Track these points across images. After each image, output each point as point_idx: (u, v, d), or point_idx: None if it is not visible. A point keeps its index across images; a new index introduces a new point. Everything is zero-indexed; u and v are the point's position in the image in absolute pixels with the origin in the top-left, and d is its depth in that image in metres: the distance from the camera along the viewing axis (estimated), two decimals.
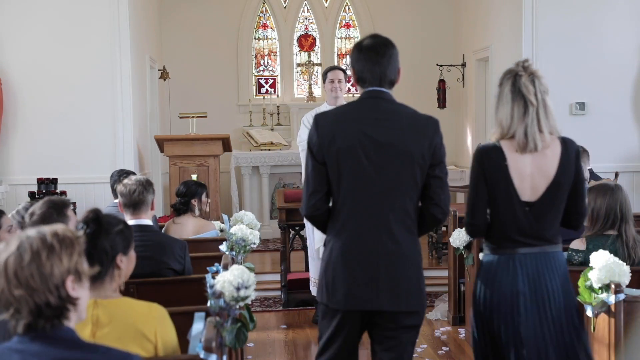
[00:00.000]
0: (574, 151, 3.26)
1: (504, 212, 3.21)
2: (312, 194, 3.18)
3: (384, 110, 3.19)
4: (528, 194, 3.19)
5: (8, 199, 7.76)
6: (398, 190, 3.13)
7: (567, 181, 3.22)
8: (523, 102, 3.19)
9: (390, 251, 3.12)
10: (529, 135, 3.17)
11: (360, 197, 3.13)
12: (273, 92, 11.68)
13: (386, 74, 3.23)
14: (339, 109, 3.29)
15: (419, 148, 3.13)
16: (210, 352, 2.60)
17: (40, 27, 7.87)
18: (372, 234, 3.13)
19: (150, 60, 9.49)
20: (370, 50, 3.22)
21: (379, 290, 3.11)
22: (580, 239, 4.33)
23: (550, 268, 3.21)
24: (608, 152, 8.18)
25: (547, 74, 9.13)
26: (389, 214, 3.12)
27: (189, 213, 5.45)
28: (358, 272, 3.12)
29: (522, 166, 3.18)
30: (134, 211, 4.20)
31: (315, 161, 3.18)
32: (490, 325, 3.23)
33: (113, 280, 2.77)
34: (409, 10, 11.56)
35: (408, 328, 3.18)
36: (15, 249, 2.09)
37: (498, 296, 3.20)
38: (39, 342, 2.11)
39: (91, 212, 2.83)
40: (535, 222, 3.19)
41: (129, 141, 7.99)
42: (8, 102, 7.83)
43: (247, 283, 3.16)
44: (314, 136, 3.18)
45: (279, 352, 5.97)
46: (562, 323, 3.19)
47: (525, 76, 3.21)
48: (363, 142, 3.11)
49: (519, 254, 3.20)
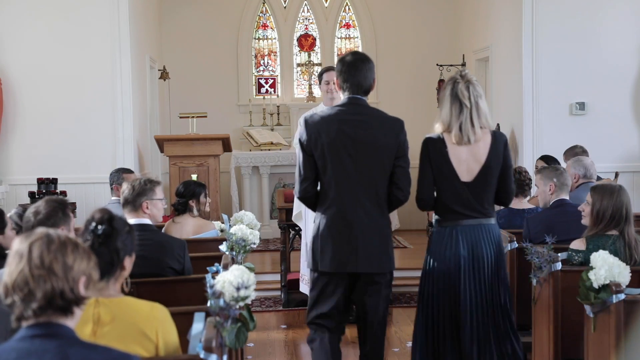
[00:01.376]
0: (502, 142, 4.03)
1: (446, 189, 3.98)
2: (303, 180, 3.98)
3: (359, 113, 3.97)
4: (465, 176, 3.96)
5: (8, 199, 7.76)
6: (371, 176, 3.93)
7: (496, 166, 3.98)
8: (459, 104, 3.96)
9: (365, 224, 3.92)
10: (463, 130, 3.93)
11: (341, 182, 3.92)
12: (273, 92, 11.68)
13: (362, 84, 3.99)
14: (324, 112, 4.04)
15: (387, 143, 3.92)
16: (210, 352, 2.60)
17: (41, 27, 7.87)
18: (352, 211, 3.92)
19: (150, 60, 9.49)
20: (350, 65, 4.00)
21: (357, 256, 3.91)
22: (580, 239, 4.33)
23: (486, 237, 3.97)
24: (608, 152, 8.17)
25: (547, 74, 9.14)
26: (364, 195, 3.92)
27: (187, 213, 5.45)
28: (341, 242, 3.92)
29: (459, 153, 3.96)
30: (131, 210, 4.20)
31: (305, 154, 3.97)
32: (436, 284, 3.98)
33: (117, 281, 2.80)
34: (409, 10, 11.56)
35: (381, 284, 4.02)
36: (42, 237, 2.16)
37: (444, 258, 3.97)
38: (39, 340, 2.12)
39: (103, 212, 2.85)
40: (472, 197, 3.96)
41: (129, 141, 7.99)
42: (8, 102, 7.83)
43: (247, 283, 3.16)
44: (304, 133, 3.97)
45: (279, 352, 5.97)
46: (493, 283, 3.97)
47: (462, 83, 3.99)
48: (343, 138, 3.90)
49: (461, 226, 3.97)
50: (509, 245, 4.99)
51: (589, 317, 3.81)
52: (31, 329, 2.14)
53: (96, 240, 2.76)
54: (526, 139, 8.27)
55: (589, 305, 3.77)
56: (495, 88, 9.36)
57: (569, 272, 4.21)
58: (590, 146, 7.23)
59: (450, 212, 3.98)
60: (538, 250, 4.33)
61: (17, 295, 2.12)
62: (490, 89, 9.58)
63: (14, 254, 2.16)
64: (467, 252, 3.94)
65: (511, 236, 5.03)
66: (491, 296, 3.96)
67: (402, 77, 11.35)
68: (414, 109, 10.81)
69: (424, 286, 4.06)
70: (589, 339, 3.88)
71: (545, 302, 4.37)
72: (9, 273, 2.14)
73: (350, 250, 3.91)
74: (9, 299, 2.13)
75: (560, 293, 4.23)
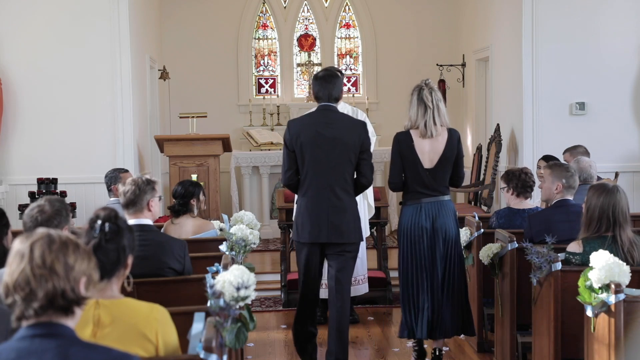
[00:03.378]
0: (456, 137, 5.11)
1: (412, 175, 5.09)
2: (287, 170, 5.06)
3: (330, 117, 5.03)
4: (427, 163, 5.06)
5: (8, 199, 7.77)
6: (340, 167, 4.94)
7: (451, 156, 5.08)
8: (424, 106, 5.03)
9: (335, 205, 4.96)
10: (427, 127, 5.02)
11: (316, 172, 4.96)
12: (273, 92, 11.68)
13: (333, 94, 5.05)
14: (304, 117, 5.18)
15: (353, 140, 4.94)
16: (210, 352, 2.60)
17: (40, 27, 7.87)
18: (324, 194, 4.96)
19: (150, 60, 9.49)
20: (322, 79, 5.06)
21: (328, 229, 4.95)
22: (577, 242, 4.33)
23: (443, 210, 5.10)
24: (608, 152, 8.17)
25: (547, 73, 9.14)
26: (334, 182, 4.95)
27: (188, 214, 5.45)
28: (316, 218, 4.96)
29: (422, 146, 5.06)
30: (132, 211, 4.20)
31: (288, 150, 5.03)
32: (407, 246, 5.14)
33: (118, 280, 2.80)
34: (409, 10, 11.55)
35: (348, 252, 5.05)
36: (43, 237, 2.16)
37: (411, 228, 5.10)
38: (39, 340, 2.12)
39: (109, 210, 2.85)
40: (433, 180, 5.07)
41: (129, 141, 7.99)
42: (8, 102, 7.83)
43: (247, 283, 3.16)
44: (287, 134, 5.04)
45: (279, 352, 5.97)
46: (449, 247, 5.10)
47: (426, 90, 5.06)
48: (317, 137, 4.94)
49: (423, 203, 5.10)
50: (509, 245, 5.00)
51: (589, 317, 3.81)
52: (31, 328, 2.14)
53: (103, 237, 2.76)
54: (526, 139, 8.27)
55: (589, 305, 3.77)
56: (495, 88, 9.36)
57: (569, 272, 4.21)
58: (590, 146, 7.23)
59: (416, 192, 5.10)
60: (538, 250, 4.33)
61: (18, 295, 2.12)
62: (490, 89, 9.59)
63: (15, 254, 2.16)
64: (429, 223, 5.06)
65: (511, 236, 5.03)
66: (449, 253, 5.11)
67: (402, 77, 11.34)
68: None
69: (399, 251, 5.24)
70: (589, 339, 3.88)
71: (545, 302, 4.36)
72: (10, 272, 2.14)
73: (322, 225, 4.95)
74: (9, 298, 2.13)
75: (560, 293, 4.23)
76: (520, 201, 5.67)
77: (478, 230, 5.67)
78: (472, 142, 10.46)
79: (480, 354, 5.74)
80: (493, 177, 8.71)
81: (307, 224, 4.98)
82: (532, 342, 4.70)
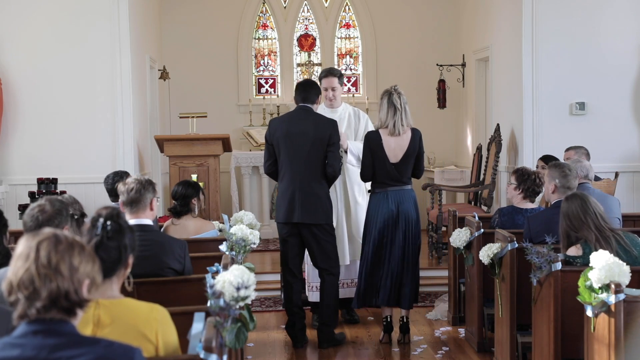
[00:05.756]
0: (418, 136, 5.94)
1: (380, 168, 5.89)
2: (267, 161, 6.02)
3: (305, 117, 5.91)
4: (393, 158, 5.87)
5: (8, 199, 7.76)
6: (310, 158, 5.81)
7: (413, 152, 5.90)
8: (394, 108, 5.85)
9: (307, 191, 5.82)
10: (395, 126, 5.84)
11: (290, 162, 5.86)
12: (273, 92, 11.68)
13: (309, 98, 5.96)
14: (283, 116, 6.20)
15: (322, 136, 5.80)
16: (210, 352, 2.60)
17: (40, 27, 7.87)
18: (297, 182, 5.83)
19: (150, 60, 9.49)
20: (302, 86, 6.06)
21: (301, 211, 5.81)
22: (575, 247, 4.35)
23: (406, 198, 5.94)
24: (608, 152, 8.17)
25: (547, 73, 9.14)
26: (305, 171, 5.82)
27: (189, 214, 5.45)
28: (289, 202, 5.83)
29: (390, 143, 5.87)
30: (134, 210, 4.19)
31: (267, 143, 5.99)
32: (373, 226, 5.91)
33: (119, 280, 2.80)
34: (409, 10, 11.55)
35: (321, 233, 5.88)
36: (49, 237, 2.17)
37: (378, 213, 5.91)
38: (41, 337, 2.12)
39: (110, 208, 2.85)
40: (397, 173, 5.89)
41: (129, 141, 7.99)
42: (8, 102, 7.83)
43: (247, 283, 3.16)
44: (268, 131, 6.01)
45: (279, 352, 5.97)
46: (409, 228, 5.92)
47: (395, 94, 5.87)
48: (291, 133, 5.84)
49: (389, 191, 5.92)
50: (509, 245, 5.00)
51: (589, 317, 3.81)
52: (33, 324, 2.14)
53: (105, 235, 2.76)
54: (526, 139, 8.27)
55: (589, 305, 3.77)
56: (495, 88, 9.36)
57: (569, 272, 4.21)
58: (590, 146, 7.23)
59: (383, 183, 5.92)
60: (538, 250, 4.33)
61: (21, 293, 2.12)
62: (490, 89, 9.58)
63: (20, 253, 2.16)
64: (394, 207, 5.89)
65: (511, 236, 5.03)
66: (409, 234, 5.92)
67: (402, 77, 11.30)
68: (414, 109, 10.71)
69: (366, 231, 6.01)
70: (589, 339, 3.88)
71: (545, 302, 4.37)
72: (15, 271, 2.14)
73: (295, 207, 5.81)
74: (12, 296, 2.14)
75: (560, 293, 4.23)
76: (525, 202, 5.68)
77: (478, 230, 5.68)
78: (472, 142, 10.45)
79: (480, 354, 5.74)
80: (493, 177, 8.71)
81: (282, 206, 5.89)
82: (532, 342, 4.70)
